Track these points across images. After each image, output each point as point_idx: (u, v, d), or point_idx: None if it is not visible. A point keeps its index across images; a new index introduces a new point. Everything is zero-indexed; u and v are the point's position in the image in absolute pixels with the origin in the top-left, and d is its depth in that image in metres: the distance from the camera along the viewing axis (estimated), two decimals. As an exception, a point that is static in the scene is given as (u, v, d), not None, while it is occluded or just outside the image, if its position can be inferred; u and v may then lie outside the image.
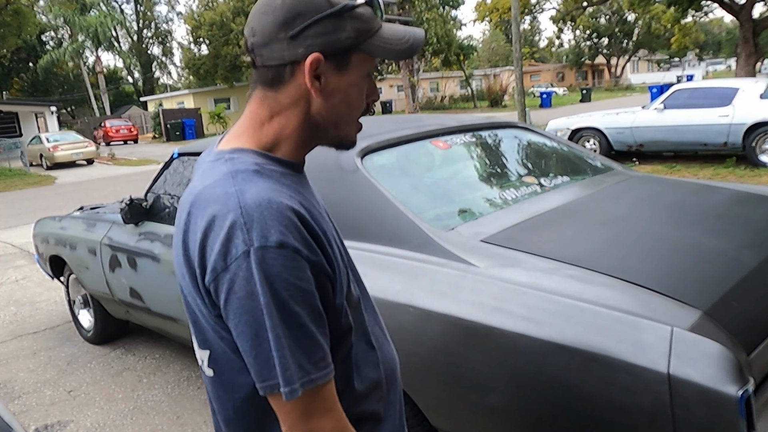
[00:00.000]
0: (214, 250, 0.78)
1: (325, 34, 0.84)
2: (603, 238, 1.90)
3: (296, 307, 0.78)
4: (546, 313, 1.49)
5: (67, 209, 5.76)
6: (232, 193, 0.80)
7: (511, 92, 32.03)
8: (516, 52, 14.24)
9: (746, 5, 15.09)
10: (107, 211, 3.61)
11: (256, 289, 0.77)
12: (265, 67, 0.87)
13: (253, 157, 0.87)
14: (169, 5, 69.87)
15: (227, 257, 0.77)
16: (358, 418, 0.93)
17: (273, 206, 0.79)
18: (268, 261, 0.76)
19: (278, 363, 0.78)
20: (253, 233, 0.77)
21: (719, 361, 1.25)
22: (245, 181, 0.82)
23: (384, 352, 1.02)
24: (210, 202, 0.81)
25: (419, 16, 21.16)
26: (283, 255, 0.77)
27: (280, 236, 0.77)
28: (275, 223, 0.78)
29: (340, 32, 0.84)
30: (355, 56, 0.87)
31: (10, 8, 24.18)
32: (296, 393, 0.78)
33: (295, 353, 0.78)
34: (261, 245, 0.76)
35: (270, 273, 0.76)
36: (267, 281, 0.76)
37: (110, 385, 3.32)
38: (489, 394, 1.59)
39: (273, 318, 0.77)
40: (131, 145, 29.67)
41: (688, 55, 56.35)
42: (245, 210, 0.78)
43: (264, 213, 0.78)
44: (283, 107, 0.88)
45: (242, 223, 0.77)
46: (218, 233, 0.78)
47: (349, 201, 2.05)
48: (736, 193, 2.42)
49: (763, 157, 7.94)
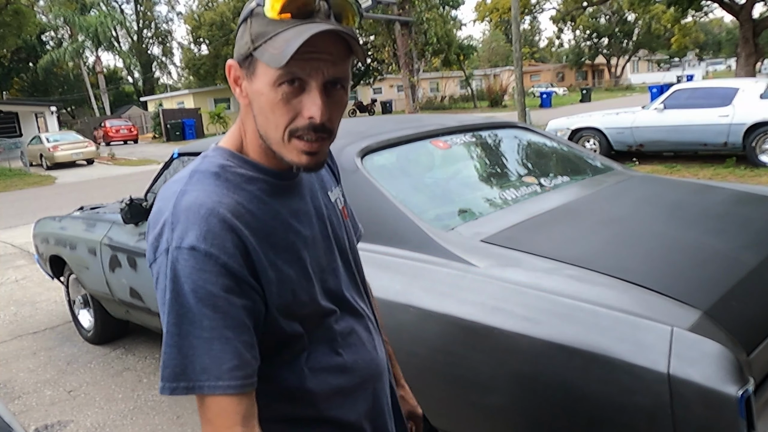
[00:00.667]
0: (150, 242, 0.84)
1: (238, 41, 0.85)
2: (603, 238, 1.90)
3: (205, 309, 0.78)
4: (546, 313, 1.49)
5: (67, 209, 5.76)
6: (176, 192, 0.84)
7: (511, 92, 32.03)
8: (516, 52, 14.24)
9: (746, 5, 15.09)
10: (107, 211, 3.60)
11: (166, 285, 0.80)
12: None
13: (223, 158, 0.89)
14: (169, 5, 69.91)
15: (156, 252, 0.82)
16: (318, 420, 0.94)
17: (201, 211, 0.81)
18: (181, 262, 0.79)
19: (162, 357, 0.80)
20: (175, 233, 0.80)
21: (719, 361, 1.25)
22: (197, 182, 0.85)
23: (359, 357, 0.99)
24: (162, 197, 0.86)
25: (419, 16, 21.13)
26: (194, 257, 0.78)
27: (194, 240, 0.79)
28: (195, 227, 0.79)
29: (244, 37, 0.83)
30: (259, 63, 0.81)
31: (10, 8, 24.20)
32: (171, 391, 0.78)
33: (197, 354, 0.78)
34: (177, 246, 0.79)
35: (179, 273, 0.79)
36: (174, 280, 0.79)
37: (110, 385, 3.32)
38: (489, 394, 1.59)
39: (172, 315, 0.79)
40: (131, 145, 29.67)
41: (688, 55, 56.35)
42: (175, 210, 0.82)
43: (189, 216, 0.80)
44: (243, 111, 0.90)
45: (170, 222, 0.81)
46: (154, 228, 0.83)
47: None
48: (736, 193, 2.42)
49: (763, 157, 7.94)
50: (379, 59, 28.42)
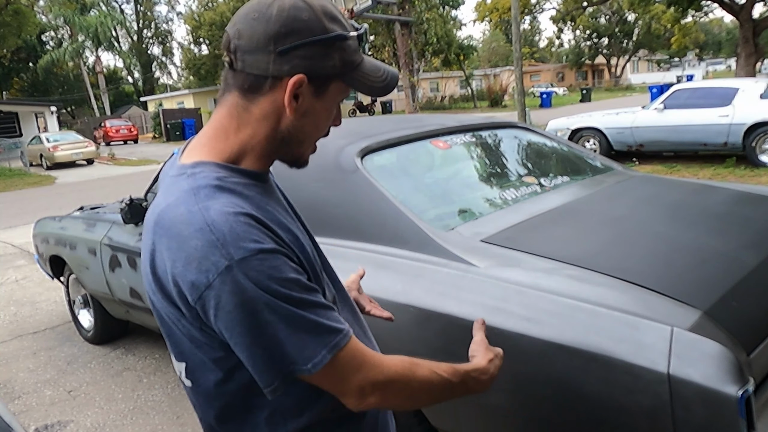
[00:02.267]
0: (191, 270, 0.78)
1: (313, 57, 0.85)
2: (603, 238, 1.90)
3: (300, 294, 0.81)
4: (546, 313, 1.49)
5: (67, 209, 5.76)
6: (197, 211, 0.80)
7: (511, 92, 32.04)
8: (516, 52, 14.24)
9: (746, 5, 15.09)
10: (107, 211, 3.60)
11: (248, 298, 0.77)
12: (244, 73, 0.86)
13: (214, 171, 0.86)
14: (169, 5, 69.91)
15: (208, 274, 0.77)
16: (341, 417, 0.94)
17: (240, 219, 0.80)
18: (256, 268, 0.77)
19: (294, 346, 0.79)
20: (229, 249, 0.77)
21: (719, 361, 1.25)
22: (207, 198, 0.82)
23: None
24: (175, 222, 0.81)
25: (419, 16, 21.13)
26: (266, 259, 0.79)
27: (255, 245, 0.78)
28: (247, 234, 0.79)
29: (327, 60, 0.85)
30: (333, 84, 0.89)
31: (10, 8, 24.20)
32: (323, 362, 0.80)
33: (317, 326, 0.81)
34: (241, 257, 0.77)
35: (262, 277, 0.78)
36: (260, 286, 0.77)
37: (110, 385, 3.32)
38: (489, 394, 1.58)
39: (277, 313, 0.78)
40: (131, 145, 29.66)
41: (688, 55, 56.36)
42: (214, 226, 0.78)
43: (233, 227, 0.78)
44: (254, 118, 0.88)
45: (215, 239, 0.77)
46: (191, 253, 0.78)
47: (348, 201, 2.05)
48: (736, 193, 2.42)
49: (763, 157, 7.94)
50: (379, 59, 28.42)
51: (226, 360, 0.85)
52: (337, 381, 0.83)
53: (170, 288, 0.82)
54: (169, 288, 0.82)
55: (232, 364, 0.85)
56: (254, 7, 0.86)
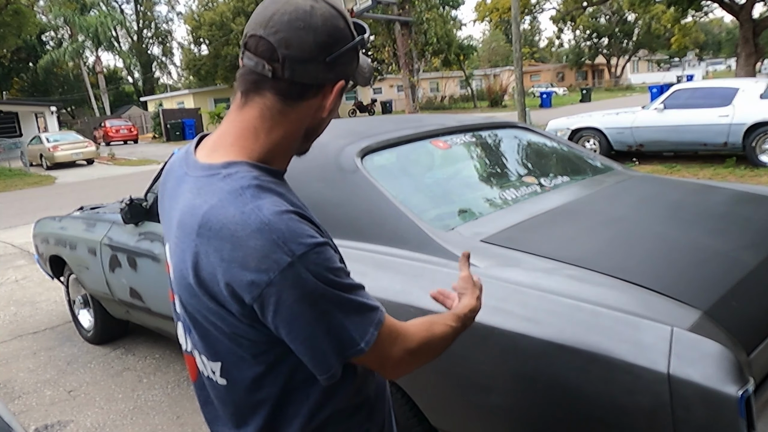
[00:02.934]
0: (250, 269, 0.80)
1: (350, 62, 0.92)
2: (603, 238, 1.90)
3: (348, 280, 0.87)
4: (546, 313, 1.49)
5: (67, 209, 5.76)
6: (249, 212, 0.82)
7: (511, 92, 32.04)
8: (516, 52, 14.24)
9: (746, 5, 15.09)
10: (107, 211, 3.60)
11: (306, 293, 0.81)
12: (291, 82, 0.87)
13: (250, 171, 0.87)
14: (169, 5, 69.93)
15: (269, 273, 0.79)
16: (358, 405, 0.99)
17: (292, 215, 0.83)
18: (315, 261, 0.81)
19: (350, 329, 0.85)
20: (290, 245, 0.80)
21: (719, 361, 1.25)
22: (255, 198, 0.83)
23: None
24: (227, 223, 0.82)
25: (419, 16, 21.10)
26: (323, 251, 0.83)
27: (312, 239, 0.82)
28: (301, 230, 0.82)
29: (355, 62, 0.94)
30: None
31: (10, 8, 24.19)
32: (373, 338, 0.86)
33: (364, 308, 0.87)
34: (303, 253, 0.80)
35: (320, 271, 0.82)
36: (322, 278, 0.82)
37: (110, 385, 3.32)
38: (489, 394, 1.59)
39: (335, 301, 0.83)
40: (131, 145, 29.67)
41: (688, 55, 56.34)
42: (272, 226, 0.81)
43: (288, 223, 0.82)
44: (290, 121, 0.91)
45: (275, 238, 0.80)
46: (250, 253, 0.80)
47: (349, 201, 2.05)
48: (736, 193, 2.42)
49: (763, 157, 7.94)
50: (379, 59, 28.38)
51: (268, 354, 0.89)
52: (379, 355, 0.89)
53: (218, 289, 0.83)
54: (217, 289, 0.83)
55: (272, 358, 0.90)
56: (296, 16, 0.85)
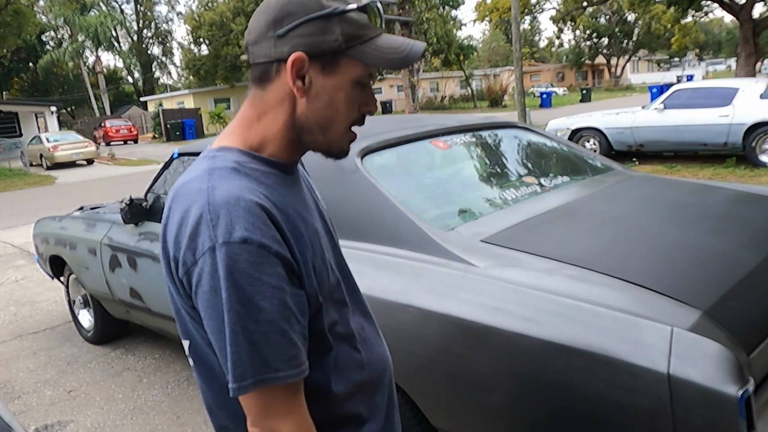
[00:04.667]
0: (183, 245, 0.80)
1: (312, 35, 0.84)
2: (603, 238, 1.90)
3: (263, 302, 0.78)
4: (546, 313, 1.49)
5: (67, 209, 5.76)
6: (204, 190, 0.82)
7: (511, 92, 32.02)
8: (516, 52, 14.24)
9: (746, 5, 15.09)
10: (107, 211, 3.60)
11: (219, 285, 0.78)
12: (255, 65, 0.88)
13: (235, 156, 0.88)
14: (169, 5, 69.88)
15: (195, 252, 0.79)
16: (339, 420, 0.94)
17: (241, 203, 0.80)
18: (232, 257, 0.77)
19: (230, 359, 0.78)
20: (218, 229, 0.78)
21: (719, 361, 1.25)
22: (220, 178, 0.83)
23: (373, 354, 1.02)
24: (185, 197, 0.83)
25: (419, 16, 21.14)
26: (248, 250, 0.78)
27: (244, 232, 0.78)
28: (241, 219, 0.78)
29: (328, 34, 0.84)
30: (344, 60, 0.86)
31: (10, 8, 24.19)
32: (245, 390, 0.79)
33: (258, 349, 0.78)
34: (225, 241, 0.77)
35: (233, 269, 0.77)
36: (230, 277, 0.77)
37: (110, 385, 3.32)
38: (489, 394, 1.59)
39: (232, 313, 0.77)
40: (131, 145, 29.66)
41: (688, 55, 56.37)
42: (212, 206, 0.79)
43: (231, 209, 0.79)
44: (270, 106, 0.89)
45: (209, 219, 0.79)
46: (187, 228, 0.80)
47: (349, 201, 2.05)
48: (736, 193, 2.42)
49: (763, 157, 7.94)
50: (379, 59, 28.33)
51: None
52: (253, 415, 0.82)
53: (171, 259, 0.84)
54: (170, 259, 0.84)
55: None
56: (262, 3, 0.88)
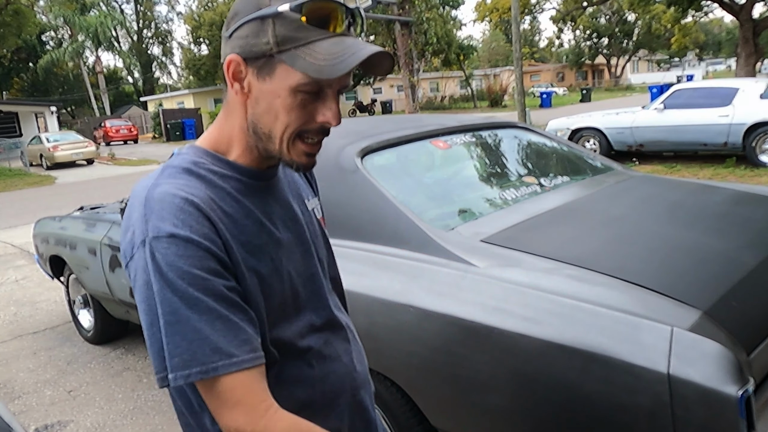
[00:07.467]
0: (125, 240, 0.82)
1: (247, 36, 0.81)
2: (603, 238, 1.90)
3: (197, 292, 0.77)
4: (546, 313, 1.49)
5: (67, 209, 5.76)
6: (148, 187, 0.83)
7: (511, 92, 32.03)
8: (516, 52, 14.24)
9: (746, 5, 15.09)
10: (107, 211, 3.61)
11: (150, 278, 0.78)
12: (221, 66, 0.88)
13: (196, 155, 0.88)
14: (169, 5, 69.92)
15: (132, 247, 0.80)
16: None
17: (175, 201, 0.80)
18: (161, 251, 0.77)
19: (166, 349, 0.77)
20: (149, 225, 0.79)
21: (719, 361, 1.25)
22: (168, 177, 0.84)
23: (330, 372, 0.96)
24: (134, 193, 0.85)
25: (419, 16, 21.10)
26: (175, 244, 0.77)
27: (172, 228, 0.78)
28: (171, 215, 0.78)
29: (260, 37, 0.80)
30: (280, 66, 0.80)
31: (10, 8, 24.20)
32: (178, 380, 0.76)
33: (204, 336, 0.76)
34: (154, 236, 0.78)
35: (163, 262, 0.77)
36: (158, 270, 0.77)
37: (110, 385, 3.32)
38: (489, 394, 1.59)
39: (165, 304, 0.77)
40: (131, 145, 29.66)
41: (688, 55, 56.39)
42: (147, 203, 0.80)
43: (164, 206, 0.79)
44: (231, 108, 0.88)
45: (143, 215, 0.80)
46: (127, 223, 0.83)
47: (349, 201, 2.05)
48: (736, 193, 2.42)
49: (763, 157, 7.94)
50: (379, 59, 28.31)
51: None
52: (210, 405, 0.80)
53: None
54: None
55: None
56: None
